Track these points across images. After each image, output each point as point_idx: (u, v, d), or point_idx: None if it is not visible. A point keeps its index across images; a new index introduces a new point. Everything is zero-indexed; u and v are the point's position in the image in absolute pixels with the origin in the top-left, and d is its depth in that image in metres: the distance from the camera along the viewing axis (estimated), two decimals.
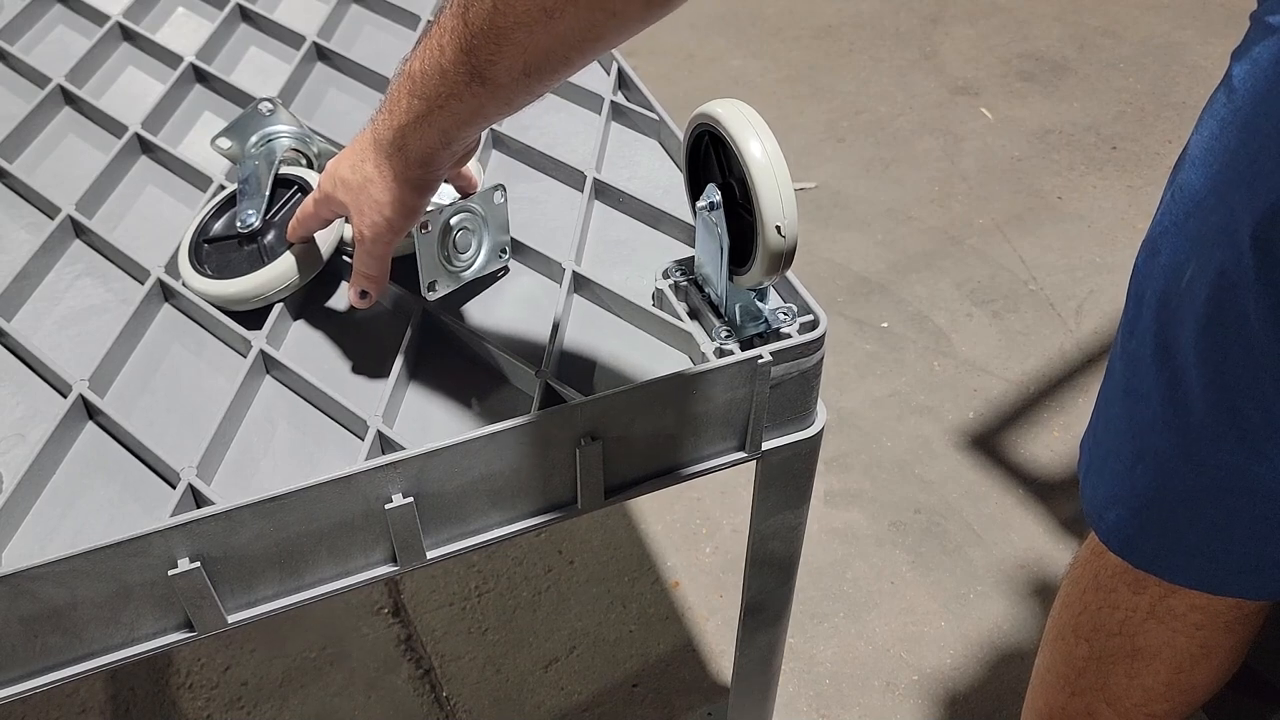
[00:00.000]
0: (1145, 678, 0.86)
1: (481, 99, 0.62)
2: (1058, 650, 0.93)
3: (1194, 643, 0.83)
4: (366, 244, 0.73)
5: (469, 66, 0.60)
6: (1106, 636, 0.86)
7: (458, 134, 0.66)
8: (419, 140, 0.67)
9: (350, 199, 0.72)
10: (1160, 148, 2.24)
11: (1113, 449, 0.78)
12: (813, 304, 0.75)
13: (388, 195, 0.70)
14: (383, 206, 0.70)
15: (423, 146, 0.67)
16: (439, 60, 0.62)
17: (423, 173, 0.69)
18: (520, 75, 0.60)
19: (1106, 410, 0.79)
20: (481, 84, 0.61)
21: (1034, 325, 1.85)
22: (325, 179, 0.74)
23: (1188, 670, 0.85)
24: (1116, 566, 0.83)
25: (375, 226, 0.72)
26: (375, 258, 0.75)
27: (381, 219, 0.71)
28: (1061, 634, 0.92)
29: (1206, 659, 0.84)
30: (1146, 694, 0.87)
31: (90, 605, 0.63)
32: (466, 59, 0.60)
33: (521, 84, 0.61)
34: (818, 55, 2.56)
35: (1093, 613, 0.87)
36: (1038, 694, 0.98)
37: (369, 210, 0.71)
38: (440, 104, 0.64)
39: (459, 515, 0.70)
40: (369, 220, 0.72)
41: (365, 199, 0.71)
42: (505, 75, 0.60)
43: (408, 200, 0.70)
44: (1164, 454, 0.73)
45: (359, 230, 0.73)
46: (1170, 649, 0.84)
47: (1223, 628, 0.82)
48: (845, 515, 1.56)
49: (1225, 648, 0.84)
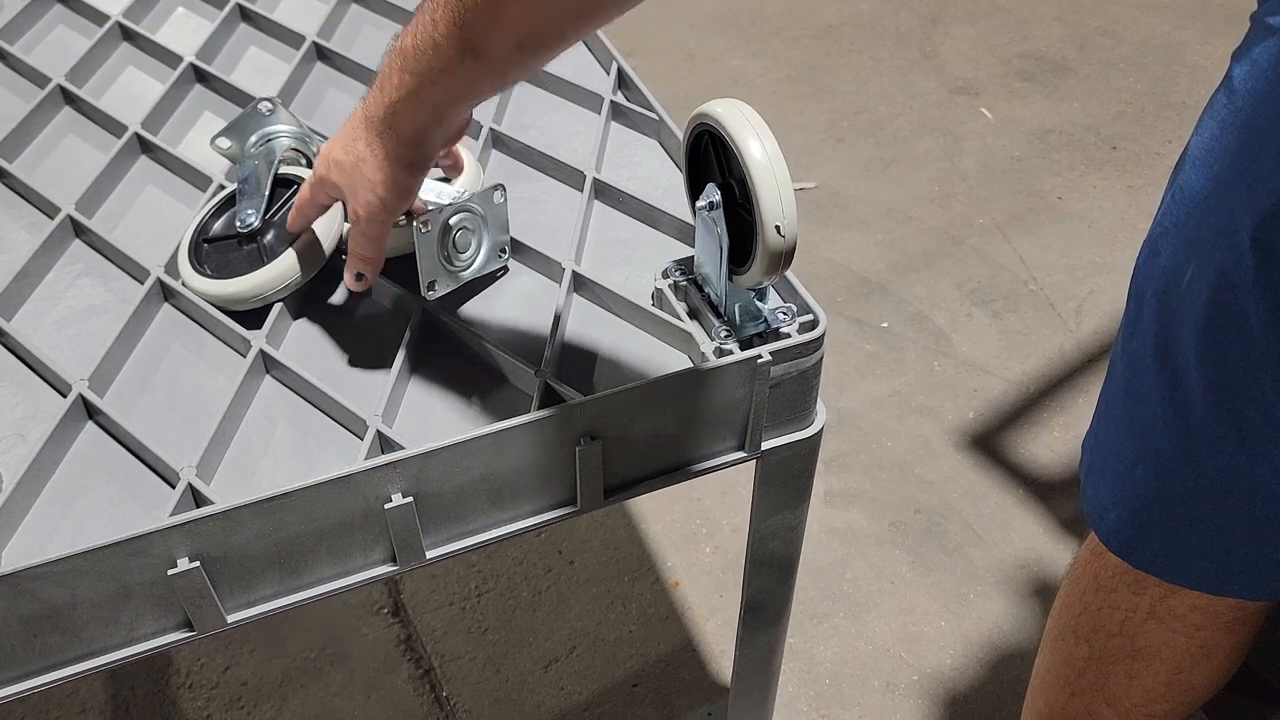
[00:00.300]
0: (1145, 678, 0.86)
1: (474, 74, 0.61)
2: (1058, 651, 0.93)
3: (1194, 643, 0.83)
4: (361, 225, 0.73)
5: (462, 41, 0.60)
6: (1106, 637, 0.86)
7: (450, 110, 0.66)
8: (410, 117, 0.66)
9: (344, 180, 0.72)
10: (1160, 148, 2.24)
11: (1113, 449, 0.78)
12: (812, 304, 0.75)
13: (380, 174, 0.69)
14: (375, 186, 0.70)
15: (414, 123, 0.66)
16: (431, 35, 0.61)
17: (414, 150, 0.69)
18: (514, 50, 0.59)
19: (1107, 411, 0.79)
20: (475, 59, 0.60)
21: (1034, 325, 1.85)
22: (319, 162, 0.74)
23: (1188, 671, 0.85)
24: (1117, 567, 0.83)
25: (369, 206, 0.71)
26: (370, 239, 0.74)
27: (375, 198, 0.71)
28: (1061, 634, 0.92)
29: (1207, 659, 0.84)
30: (1146, 694, 0.87)
31: (90, 605, 0.63)
32: (459, 33, 0.59)
33: (515, 59, 0.60)
34: (818, 55, 2.56)
35: (1093, 613, 0.87)
36: (1038, 694, 0.98)
37: (362, 190, 0.71)
38: (432, 79, 0.63)
39: (459, 515, 0.70)
40: (363, 200, 0.71)
41: (358, 179, 0.70)
42: (498, 50, 0.59)
43: (400, 179, 0.70)
44: (1164, 454, 0.73)
45: (353, 211, 0.72)
46: (1170, 649, 0.84)
47: (1223, 628, 0.82)
48: (845, 515, 1.56)
49: (1225, 648, 0.84)
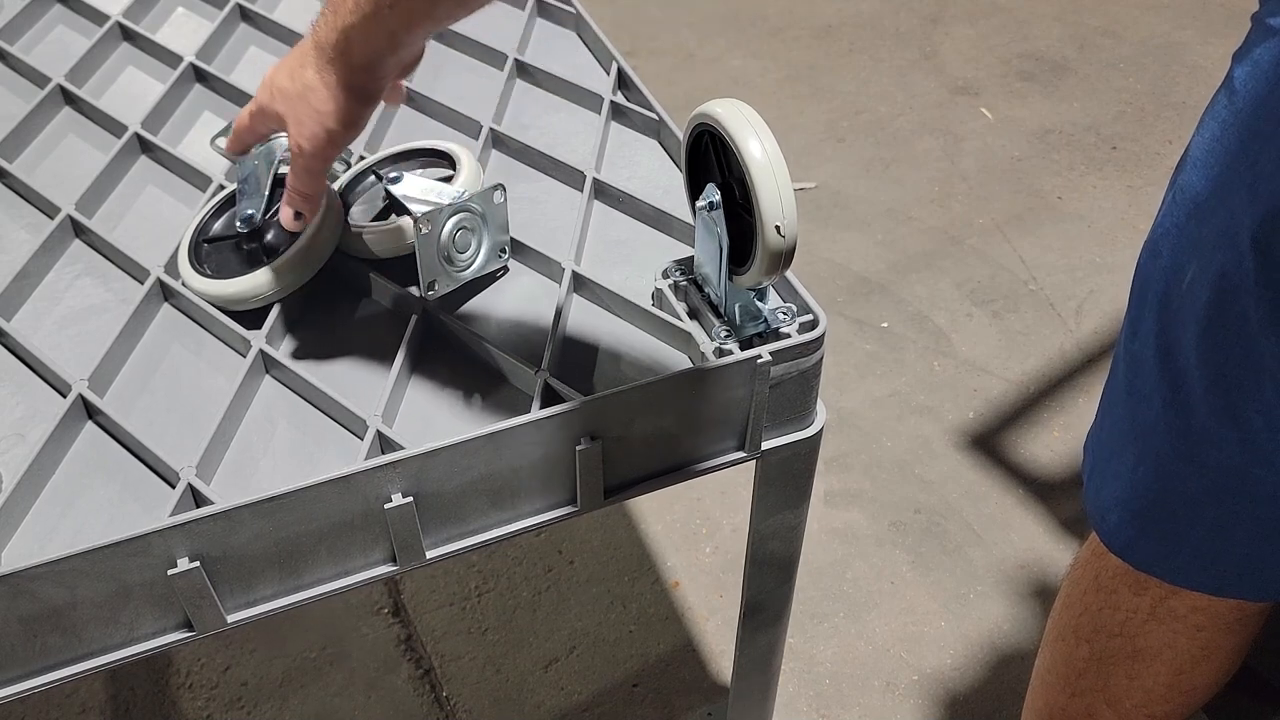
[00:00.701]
0: (1146, 679, 0.86)
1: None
2: (1058, 651, 0.93)
3: (1195, 644, 0.83)
4: (305, 158, 0.69)
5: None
6: (1107, 638, 0.86)
7: (407, 37, 0.63)
8: (364, 43, 0.63)
9: (288, 109, 0.68)
10: (1160, 148, 2.24)
11: (1116, 450, 0.78)
12: (812, 304, 0.75)
13: (330, 104, 0.66)
14: (324, 117, 0.67)
15: (368, 50, 0.64)
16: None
17: (367, 79, 0.66)
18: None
19: (1110, 412, 0.79)
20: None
21: (1034, 325, 1.85)
22: (261, 89, 0.70)
23: (1188, 671, 0.85)
24: (1117, 568, 0.83)
25: (315, 139, 0.68)
26: (312, 174, 0.70)
27: (321, 130, 0.67)
28: (1062, 635, 0.92)
29: (1207, 660, 0.84)
30: (1147, 695, 0.87)
31: (90, 605, 0.63)
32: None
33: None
34: (818, 55, 2.56)
35: (1093, 614, 0.87)
36: (1038, 694, 0.98)
37: (308, 121, 0.67)
38: (389, 3, 0.60)
39: (458, 515, 0.70)
40: (308, 132, 0.67)
41: (304, 109, 0.67)
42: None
43: (350, 109, 0.67)
44: (1165, 456, 0.73)
45: (296, 143, 0.69)
46: (1171, 650, 0.84)
47: (1224, 629, 0.82)
48: (845, 515, 1.56)
49: (1226, 649, 0.84)
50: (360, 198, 0.86)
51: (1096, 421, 0.82)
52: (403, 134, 0.99)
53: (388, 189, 0.79)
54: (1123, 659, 0.86)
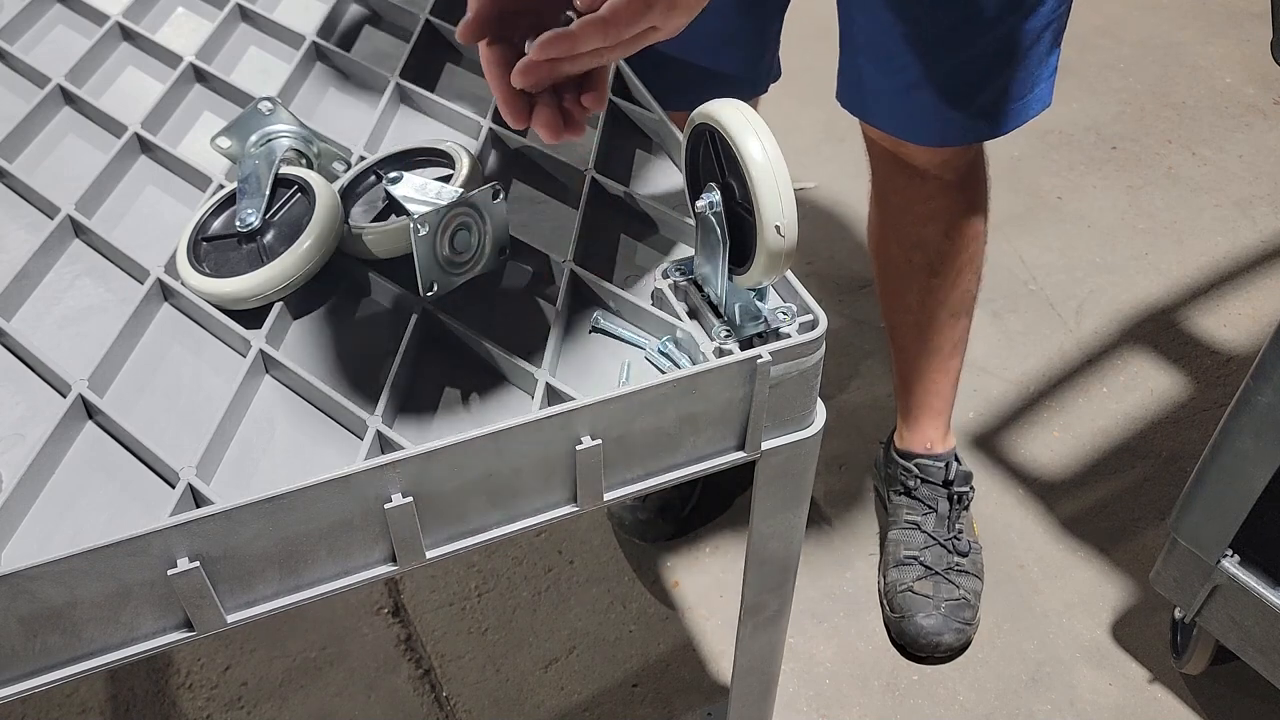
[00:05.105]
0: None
1: None
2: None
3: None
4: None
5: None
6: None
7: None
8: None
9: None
10: (1160, 148, 2.24)
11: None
12: (812, 304, 0.75)
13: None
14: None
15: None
16: None
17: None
18: None
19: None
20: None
21: (1034, 325, 1.85)
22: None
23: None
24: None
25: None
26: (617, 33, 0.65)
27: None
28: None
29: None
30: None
31: (89, 605, 0.63)
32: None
33: None
34: (818, 55, 2.56)
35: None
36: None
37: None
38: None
39: (458, 515, 0.70)
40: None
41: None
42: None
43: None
44: None
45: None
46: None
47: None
48: (845, 515, 1.56)
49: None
50: (360, 198, 0.86)
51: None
52: (403, 134, 0.99)
53: (387, 189, 0.79)
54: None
